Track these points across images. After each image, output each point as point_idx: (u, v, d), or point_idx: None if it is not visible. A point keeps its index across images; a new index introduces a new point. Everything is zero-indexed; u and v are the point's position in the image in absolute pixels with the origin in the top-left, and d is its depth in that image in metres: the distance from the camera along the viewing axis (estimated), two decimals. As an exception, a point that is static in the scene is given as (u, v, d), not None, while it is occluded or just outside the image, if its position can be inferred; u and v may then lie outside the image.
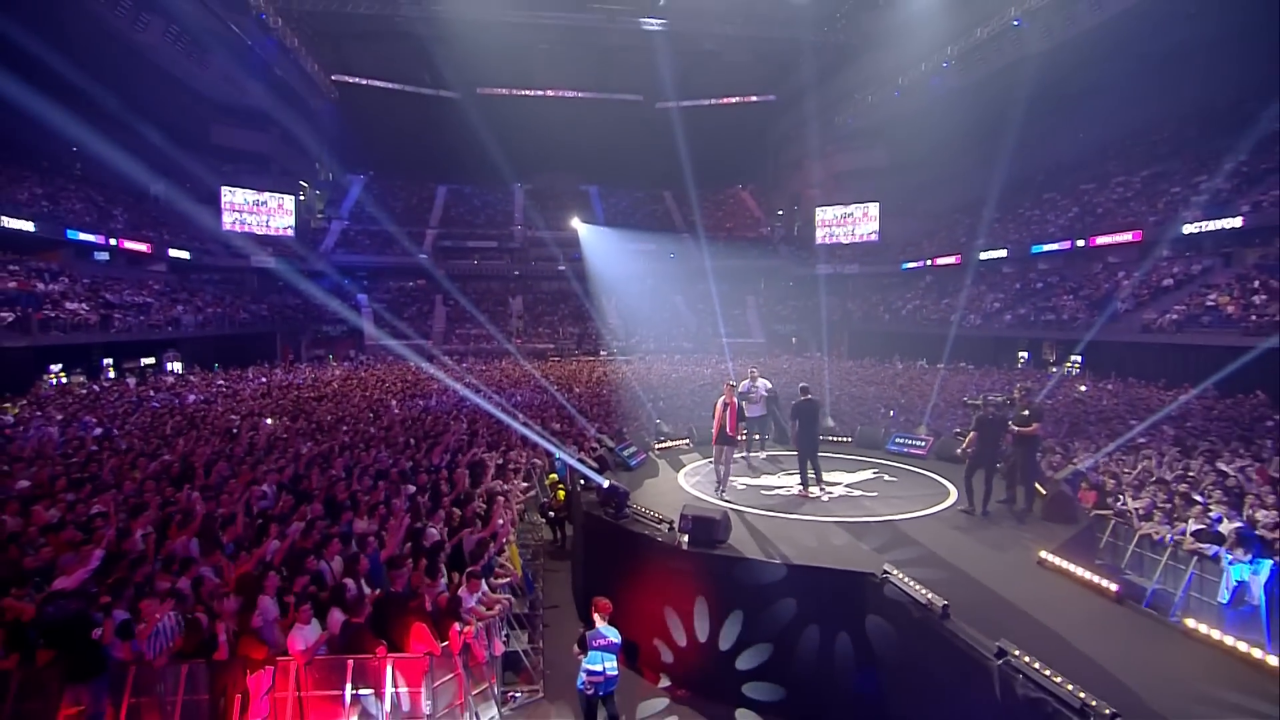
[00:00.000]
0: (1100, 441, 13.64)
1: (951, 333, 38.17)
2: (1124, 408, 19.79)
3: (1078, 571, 6.10)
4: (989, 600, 5.86)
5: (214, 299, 37.14)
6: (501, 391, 21.26)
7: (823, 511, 8.34)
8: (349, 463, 11.37)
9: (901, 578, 5.86)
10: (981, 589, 6.08)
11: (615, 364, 35.53)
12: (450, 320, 44.25)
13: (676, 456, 11.44)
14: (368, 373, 29.51)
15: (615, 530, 7.59)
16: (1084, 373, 30.69)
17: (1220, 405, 20.08)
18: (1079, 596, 5.90)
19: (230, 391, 22.21)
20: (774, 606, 6.43)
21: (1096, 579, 5.93)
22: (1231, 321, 26.19)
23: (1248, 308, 26.23)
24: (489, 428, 14.80)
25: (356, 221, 49.39)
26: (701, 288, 50.50)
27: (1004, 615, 5.54)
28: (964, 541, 7.37)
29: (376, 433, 14.42)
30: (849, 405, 19.50)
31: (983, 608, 5.62)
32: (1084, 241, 36.43)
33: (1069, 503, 8.03)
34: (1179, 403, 18.63)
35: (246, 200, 42.54)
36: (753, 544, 7.15)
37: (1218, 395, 22.35)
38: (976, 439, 8.07)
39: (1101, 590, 5.86)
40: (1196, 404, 20.16)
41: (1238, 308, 26.63)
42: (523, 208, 54.24)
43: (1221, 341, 25.43)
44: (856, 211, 53.49)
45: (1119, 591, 5.72)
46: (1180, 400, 19.07)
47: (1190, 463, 12.12)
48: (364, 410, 17.45)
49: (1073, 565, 6.18)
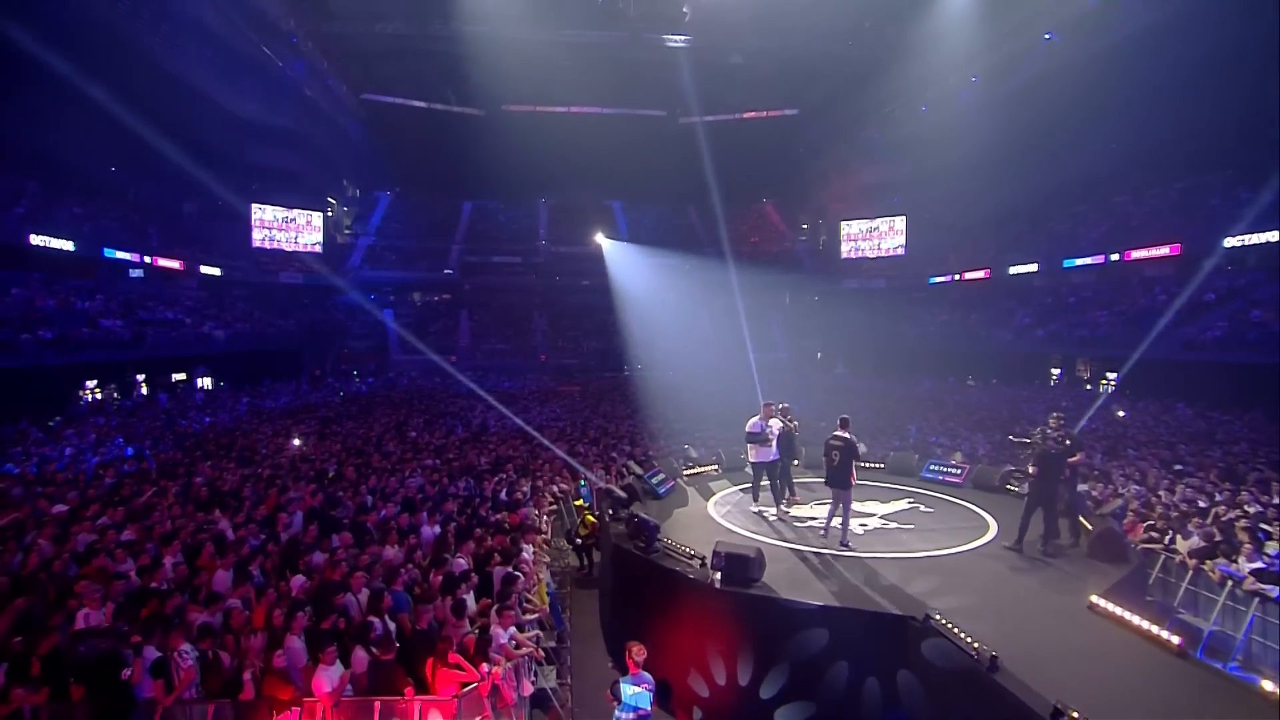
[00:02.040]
0: (1142, 468, 13.19)
1: (982, 349, 37.65)
2: (1165, 431, 19.22)
3: (1134, 620, 5.78)
4: (1038, 649, 5.56)
5: (243, 315, 37.73)
6: (527, 411, 21.24)
7: (858, 547, 8.08)
8: (377, 487, 11.35)
9: (945, 623, 5.61)
10: (1029, 636, 5.78)
11: (640, 382, 35.42)
12: (475, 335, 44.52)
13: (705, 484, 11.22)
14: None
15: (645, 565, 7.41)
16: (1120, 391, 29.92)
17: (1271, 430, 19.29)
18: (1136, 648, 5.58)
19: (257, 409, 22.47)
20: (810, 649, 6.20)
21: (1155, 629, 5.62)
22: (1276, 339, 25.33)
23: (1297, 324, 25.38)
24: (519, 451, 14.73)
25: (383, 238, 50.02)
26: (725, 302, 50.12)
27: (1055, 667, 5.25)
28: (1008, 581, 7.07)
29: (402, 453, 14.42)
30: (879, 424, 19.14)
31: (1032, 658, 5.34)
32: (1118, 255, 35.67)
33: (1117, 540, 7.67)
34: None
35: (276, 217, 43.30)
36: (787, 582, 6.93)
37: (1265, 418, 21.64)
38: (1039, 475, 7.74)
39: (1160, 641, 5.54)
40: (1241, 427, 19.52)
41: (1285, 324, 25.78)
42: (547, 223, 54.54)
43: (1269, 359, 24.61)
44: (882, 225, 52.99)
45: (1181, 645, 5.40)
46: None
47: (1242, 493, 11.65)
48: (390, 430, 17.51)
49: (1128, 612, 5.86)
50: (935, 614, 5.72)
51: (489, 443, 15.85)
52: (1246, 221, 30.54)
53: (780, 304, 54.83)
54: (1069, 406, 25.66)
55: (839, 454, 8.21)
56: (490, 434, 17.02)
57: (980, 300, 43.87)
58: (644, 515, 7.73)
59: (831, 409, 23.87)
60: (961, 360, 39.19)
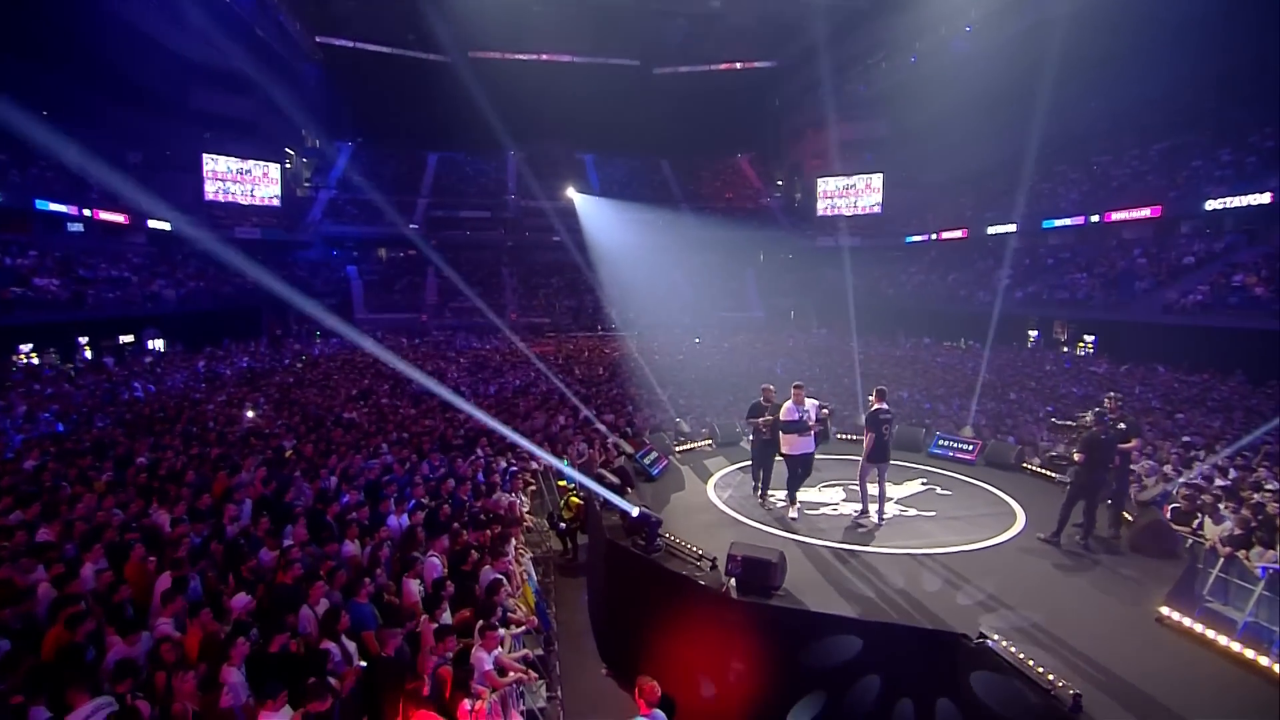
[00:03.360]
0: (1151, 440, 12.68)
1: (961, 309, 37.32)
2: (1154, 398, 18.91)
3: (1219, 640, 5.07)
4: (1110, 675, 4.81)
5: (196, 272, 35.59)
6: (501, 375, 20.12)
7: (879, 540, 7.31)
8: (339, 466, 10.27)
9: (1005, 644, 4.84)
10: (1096, 658, 5.01)
11: (619, 343, 34.38)
12: (443, 293, 42.83)
13: (700, 461, 10.35)
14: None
15: (645, 565, 6.54)
16: (1099, 354, 29.83)
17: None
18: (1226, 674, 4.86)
19: (212, 374, 20.98)
20: (839, 669, 5.42)
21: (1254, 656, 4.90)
22: (1260, 303, 25.19)
23: (1278, 289, 25.21)
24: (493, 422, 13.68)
25: (345, 191, 47.63)
26: (699, 259, 49.22)
27: (1137, 700, 4.52)
28: (1055, 584, 6.33)
29: (366, 425, 13.29)
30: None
31: (1107, 687, 4.60)
32: (1099, 217, 35.26)
33: (1166, 533, 7.01)
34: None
35: (230, 169, 40.73)
36: (807, 585, 6.12)
37: (1246, 382, 21.55)
38: (1085, 462, 6.97)
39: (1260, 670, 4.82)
40: (1231, 393, 19.28)
41: (1266, 289, 25.61)
42: (516, 176, 52.51)
43: (1250, 324, 24.49)
44: (859, 183, 52.14)
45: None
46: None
47: (1258, 469, 11.17)
48: (355, 398, 16.30)
49: (1210, 630, 5.15)
50: (992, 635, 4.95)
51: (461, 412, 14.75)
52: (1229, 184, 30.22)
53: (754, 261, 53.92)
54: (1053, 371, 25.44)
55: (888, 427, 7.82)
56: (467, 401, 15.90)
57: (958, 260, 43.45)
58: (645, 508, 6.81)
59: (820, 373, 23.28)
60: (939, 320, 38.85)
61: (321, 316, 26.57)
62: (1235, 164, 31.66)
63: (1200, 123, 35.98)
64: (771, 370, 22.69)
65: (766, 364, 24.90)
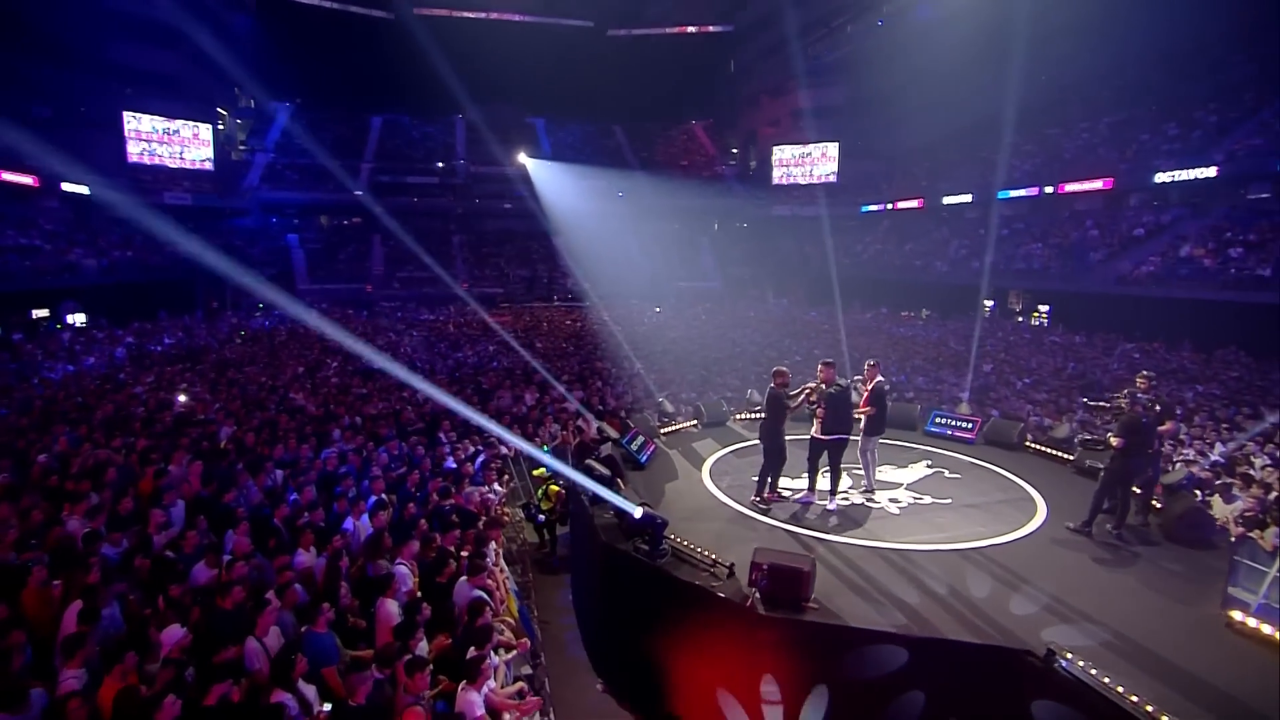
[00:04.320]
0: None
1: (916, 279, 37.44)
2: (1120, 368, 18.99)
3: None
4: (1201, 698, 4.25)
5: (121, 241, 32.85)
6: (458, 348, 18.92)
7: (899, 534, 6.68)
8: (287, 458, 9.14)
9: (1081, 664, 4.24)
10: (1178, 675, 4.44)
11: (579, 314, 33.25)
12: (390, 262, 40.83)
13: (689, 444, 9.56)
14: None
15: (651, 574, 5.74)
16: (1054, 324, 30.26)
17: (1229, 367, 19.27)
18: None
19: (139, 352, 19.16)
20: (884, 689, 4.78)
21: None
22: (1208, 274, 25.74)
23: (1225, 261, 25.78)
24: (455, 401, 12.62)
25: (283, 154, 44.73)
26: (654, 228, 48.26)
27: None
28: (1103, 582, 5.78)
29: (315, 408, 12.07)
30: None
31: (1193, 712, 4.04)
32: (1052, 188, 35.63)
33: (1206, 521, 6.58)
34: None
35: (155, 128, 37.50)
36: (837, 591, 5.43)
37: (1195, 351, 21.99)
38: (1124, 447, 6.44)
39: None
40: (1192, 363, 19.56)
41: (1213, 260, 26.18)
42: (464, 141, 50.28)
43: (1198, 295, 25.01)
44: (815, 151, 51.75)
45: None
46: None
47: (1247, 444, 11.06)
48: (302, 376, 14.94)
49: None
50: (1064, 652, 4.34)
51: (418, 392, 13.62)
52: (1176, 158, 30.72)
53: (709, 231, 53.28)
54: (1015, 341, 25.53)
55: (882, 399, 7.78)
56: (426, 378, 14.73)
57: (914, 230, 43.60)
58: (648, 507, 5.99)
59: (791, 345, 22.70)
60: (895, 290, 38.97)
61: (261, 288, 24.71)
62: (1182, 138, 32.23)
63: (1146, 97, 36.54)
64: (738, 342, 22.10)
65: (733, 335, 24.30)
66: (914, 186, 45.98)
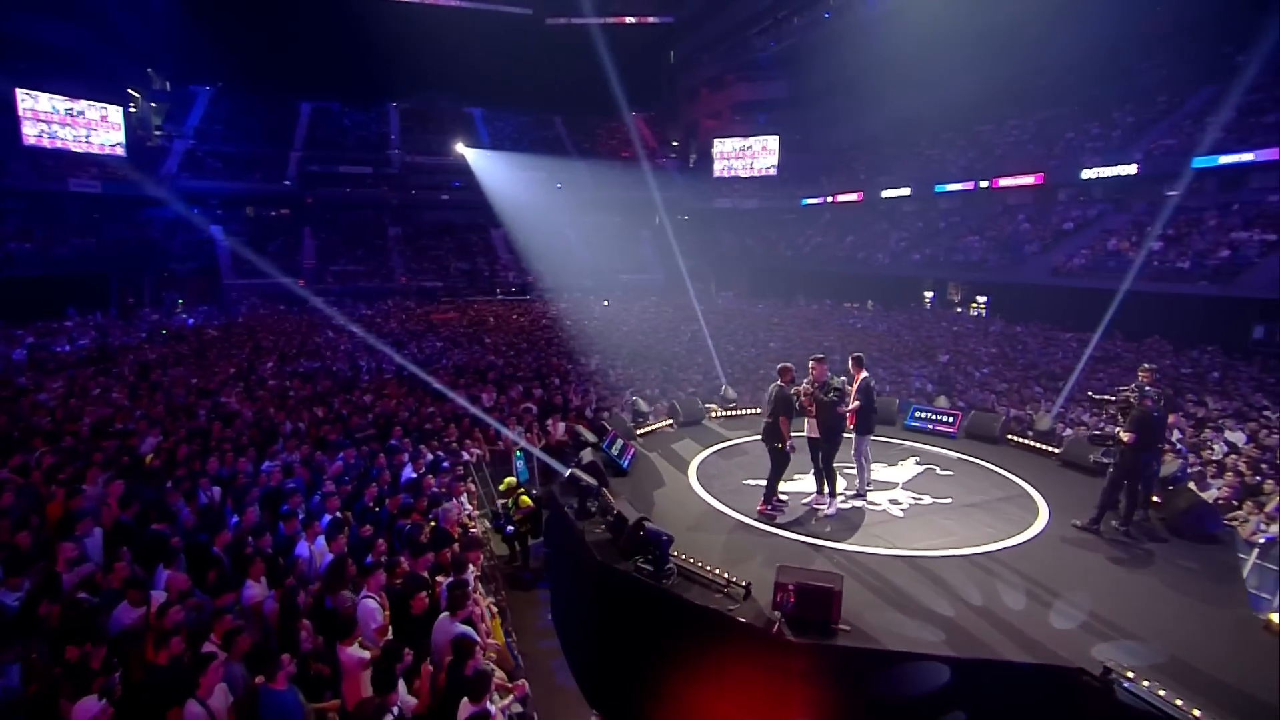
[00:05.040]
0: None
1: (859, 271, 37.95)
2: (1065, 357, 19.50)
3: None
4: (1250, 708, 4.00)
5: (19, 231, 29.97)
6: (402, 346, 17.83)
7: (907, 540, 6.30)
8: (223, 473, 8.14)
9: (1147, 685, 3.90)
10: (1229, 689, 4.17)
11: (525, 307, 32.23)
12: (322, 255, 38.78)
13: (668, 446, 8.98)
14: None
15: (656, 596, 5.17)
16: (991, 314, 31.14)
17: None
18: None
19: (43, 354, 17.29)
20: (924, 714, 4.36)
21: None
22: (1134, 266, 26.81)
23: (1148, 254, 26.91)
24: (406, 404, 11.72)
25: (205, 141, 41.84)
26: (595, 220, 47.63)
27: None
28: (1127, 585, 5.52)
29: (252, 414, 10.96)
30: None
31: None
32: (987, 183, 36.63)
33: (1211, 515, 6.45)
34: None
35: (56, 109, 34.26)
36: (861, 607, 4.98)
37: (1126, 340, 22.89)
38: (1135, 443, 6.23)
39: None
40: (1128, 352, 20.24)
41: (1138, 253, 27.30)
42: (399, 130, 48.31)
43: (1128, 286, 26.04)
44: (755, 144, 52.12)
45: None
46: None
47: (1204, 430, 11.29)
48: (235, 379, 13.66)
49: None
50: (1126, 670, 4.00)
51: (364, 393, 12.64)
52: (1101, 155, 31.99)
53: (651, 223, 53.00)
54: (961, 332, 26.02)
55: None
56: (363, 381, 13.71)
57: (854, 223, 44.27)
58: (650, 523, 5.40)
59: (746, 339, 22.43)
60: (837, 282, 39.48)
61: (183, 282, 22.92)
62: (1104, 136, 33.66)
63: (1069, 97, 38.04)
64: (696, 336, 21.69)
65: (685, 329, 23.91)
66: (853, 180, 46.71)
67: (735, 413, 10.36)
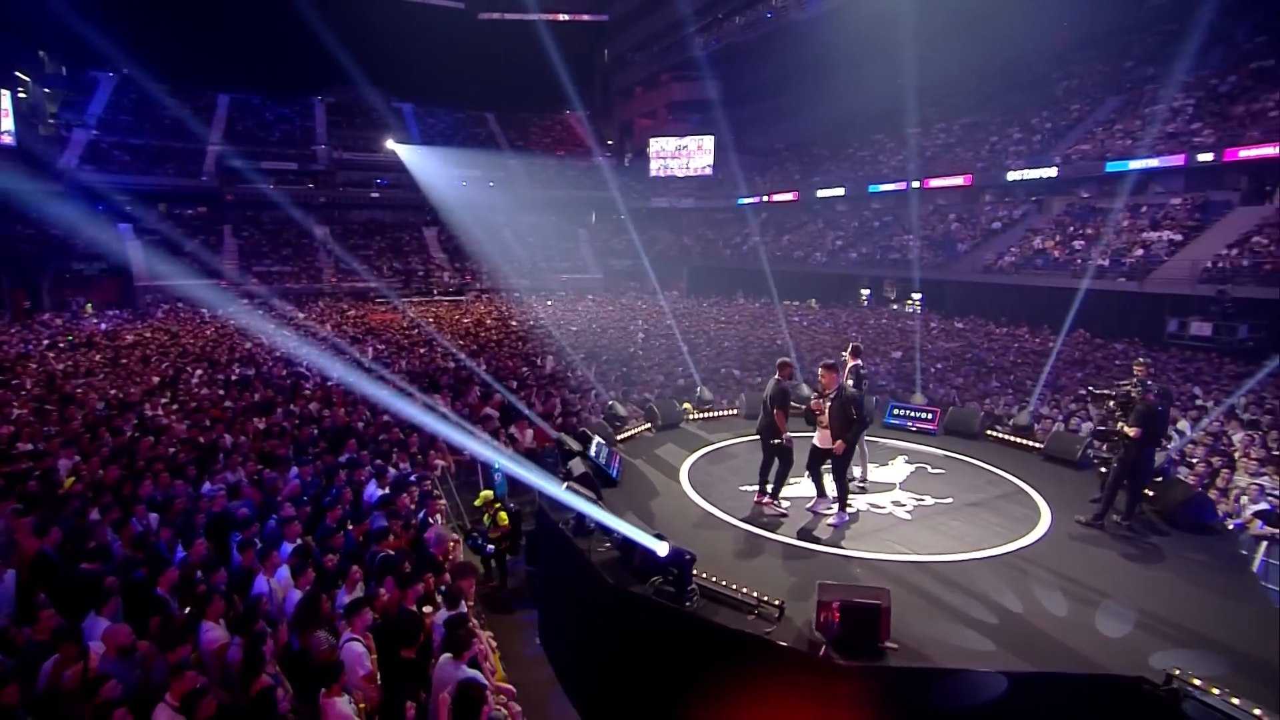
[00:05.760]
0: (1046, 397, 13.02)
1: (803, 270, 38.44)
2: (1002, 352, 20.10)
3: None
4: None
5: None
6: (342, 351, 16.75)
7: (920, 543, 6.07)
8: (158, 496, 7.22)
9: (1217, 692, 3.74)
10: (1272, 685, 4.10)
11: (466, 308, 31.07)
12: (245, 255, 36.52)
13: (651, 451, 8.49)
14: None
15: (680, 620, 4.73)
16: (926, 311, 32.00)
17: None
18: None
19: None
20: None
21: None
22: (1059, 264, 28.10)
23: (1071, 252, 28.22)
24: (359, 413, 10.87)
25: (110, 131, 38.67)
26: (530, 219, 46.80)
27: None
28: (1149, 582, 5.43)
29: (185, 429, 9.90)
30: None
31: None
32: (919, 183, 37.66)
33: (1209, 508, 6.51)
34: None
35: (-72, 93, 31.15)
36: (900, 623, 4.69)
37: (1053, 334, 23.93)
38: (1140, 437, 6.19)
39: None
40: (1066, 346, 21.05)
41: (1062, 251, 28.60)
42: (326, 124, 46.15)
43: (1053, 283, 27.27)
44: (691, 144, 52.42)
45: None
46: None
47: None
48: (160, 389, 12.39)
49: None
50: (1191, 676, 3.83)
51: (309, 402, 11.67)
52: (1025, 158, 33.41)
53: (587, 222, 52.61)
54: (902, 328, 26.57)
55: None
56: (304, 390, 12.68)
57: (790, 222, 44.93)
58: (675, 543, 4.94)
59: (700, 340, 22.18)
60: (776, 280, 39.88)
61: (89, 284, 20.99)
62: (1025, 141, 35.18)
63: (990, 104, 39.60)
64: (650, 335, 21.36)
65: (634, 329, 23.55)
66: (788, 180, 47.43)
67: (713, 414, 10.04)
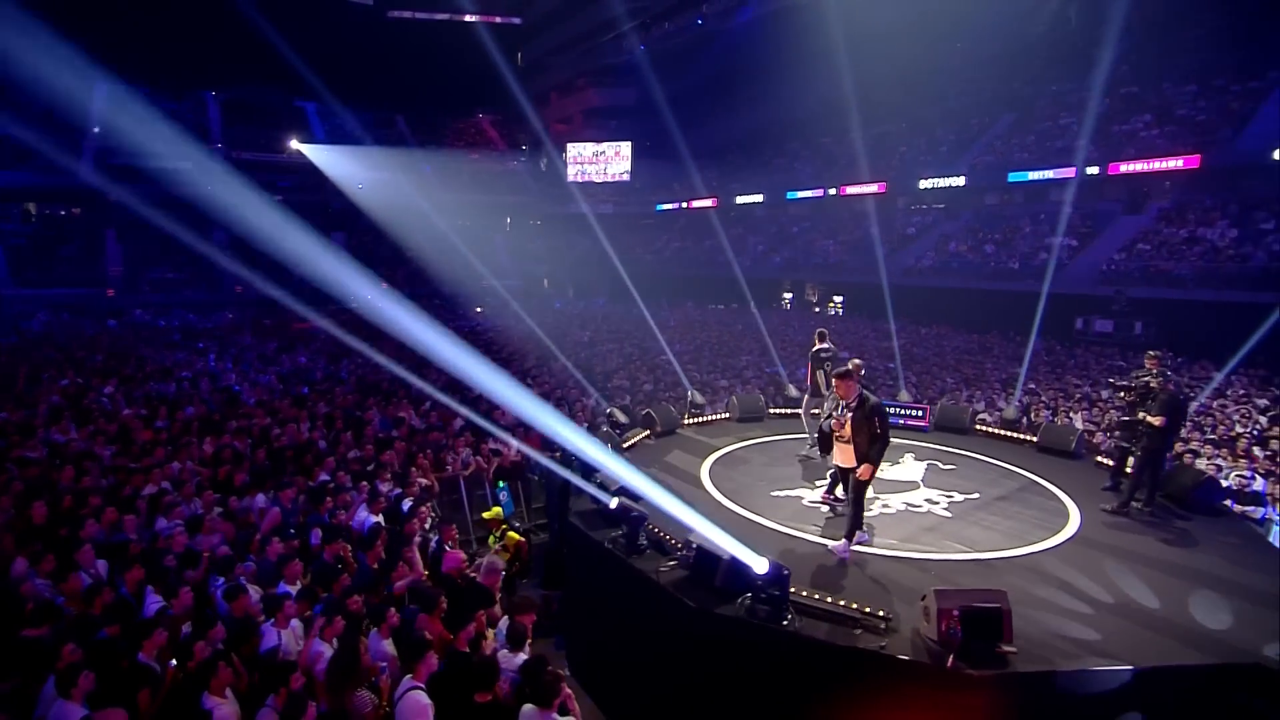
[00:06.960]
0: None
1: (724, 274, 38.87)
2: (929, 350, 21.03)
3: None
4: None
5: None
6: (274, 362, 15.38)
7: (976, 540, 5.97)
8: (93, 538, 6.16)
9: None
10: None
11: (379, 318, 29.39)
12: (133, 262, 33.25)
13: (660, 459, 8.09)
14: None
15: (782, 641, 4.36)
16: (848, 313, 33.15)
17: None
18: None
19: None
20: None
21: None
22: (972, 266, 29.75)
23: (984, 256, 29.94)
24: (316, 428, 9.89)
25: (-44, 121, 34.23)
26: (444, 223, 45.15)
27: None
28: (1202, 569, 5.51)
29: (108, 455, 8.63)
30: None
31: None
32: (835, 190, 38.99)
33: (1217, 489, 6.82)
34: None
35: None
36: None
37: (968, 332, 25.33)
38: (1165, 425, 6.34)
39: None
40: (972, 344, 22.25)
41: (975, 255, 30.29)
42: (222, 122, 42.91)
43: (968, 284, 28.85)
44: (609, 150, 52.36)
45: None
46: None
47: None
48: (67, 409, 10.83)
49: None
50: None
51: (253, 416, 10.52)
52: (935, 167, 35.25)
53: (501, 228, 51.61)
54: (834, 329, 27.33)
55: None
56: (247, 404, 11.44)
57: (710, 228, 45.46)
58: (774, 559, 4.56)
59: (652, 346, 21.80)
60: (698, 286, 40.28)
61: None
62: (932, 151, 37.15)
63: (898, 115, 41.48)
64: (597, 341, 20.94)
65: (577, 334, 23.10)
66: (707, 186, 48.04)
67: (705, 418, 9.78)
